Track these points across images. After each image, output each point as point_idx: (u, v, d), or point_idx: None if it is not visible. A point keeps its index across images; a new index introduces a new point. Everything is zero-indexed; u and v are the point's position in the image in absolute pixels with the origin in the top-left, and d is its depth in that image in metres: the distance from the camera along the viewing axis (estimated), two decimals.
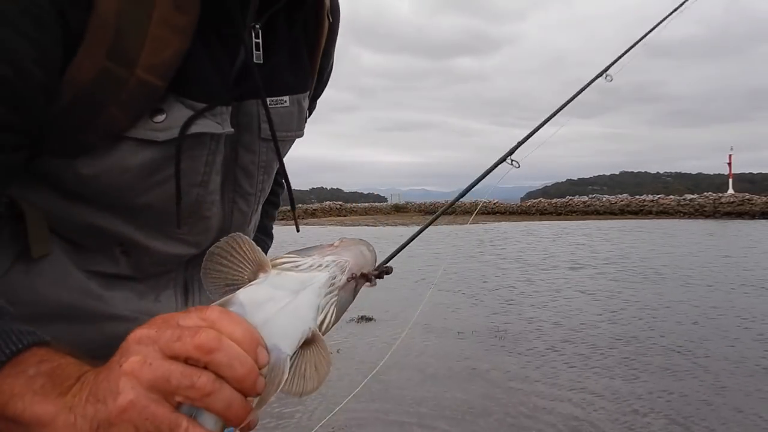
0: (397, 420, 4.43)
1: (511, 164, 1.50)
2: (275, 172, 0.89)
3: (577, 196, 59.60)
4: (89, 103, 0.66)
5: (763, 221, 35.96)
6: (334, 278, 0.54)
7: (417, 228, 1.22)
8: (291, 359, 0.50)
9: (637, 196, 52.26)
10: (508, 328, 7.40)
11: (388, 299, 8.74)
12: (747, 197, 45.59)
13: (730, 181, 53.82)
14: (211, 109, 0.73)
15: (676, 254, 15.91)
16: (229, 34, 0.74)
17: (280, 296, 0.51)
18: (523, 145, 1.51)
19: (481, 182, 1.58)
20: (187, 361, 0.46)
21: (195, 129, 0.72)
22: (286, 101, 0.83)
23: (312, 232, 28.76)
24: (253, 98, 0.80)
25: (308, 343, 0.52)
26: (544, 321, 7.87)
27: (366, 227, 35.37)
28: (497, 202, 52.60)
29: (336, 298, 0.54)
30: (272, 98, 0.81)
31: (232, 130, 0.77)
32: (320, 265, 0.53)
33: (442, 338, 6.88)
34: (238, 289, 0.51)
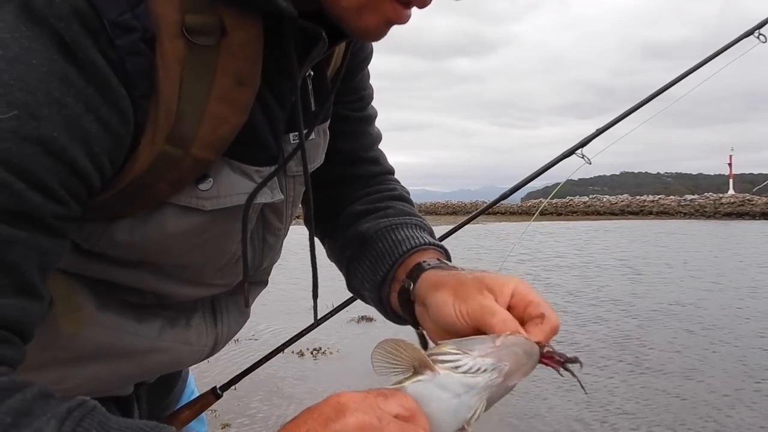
0: None
1: (582, 158, 1.39)
2: (301, 199, 0.85)
3: (578, 197, 59.53)
4: (139, 185, 0.62)
5: (763, 221, 35.90)
6: (492, 382, 0.57)
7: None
8: None
9: (638, 197, 52.16)
10: None
11: None
12: (747, 198, 45.52)
13: (731, 181, 53.74)
14: (271, 178, 0.70)
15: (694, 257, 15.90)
16: (283, 88, 0.69)
17: (444, 397, 0.56)
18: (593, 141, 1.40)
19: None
20: None
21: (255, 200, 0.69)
22: (312, 135, 0.78)
23: None
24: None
25: None
26: None
27: None
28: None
29: (489, 395, 0.58)
30: (294, 133, 0.74)
31: (282, 197, 0.75)
32: (480, 369, 0.57)
33: None
34: (406, 377, 0.56)
